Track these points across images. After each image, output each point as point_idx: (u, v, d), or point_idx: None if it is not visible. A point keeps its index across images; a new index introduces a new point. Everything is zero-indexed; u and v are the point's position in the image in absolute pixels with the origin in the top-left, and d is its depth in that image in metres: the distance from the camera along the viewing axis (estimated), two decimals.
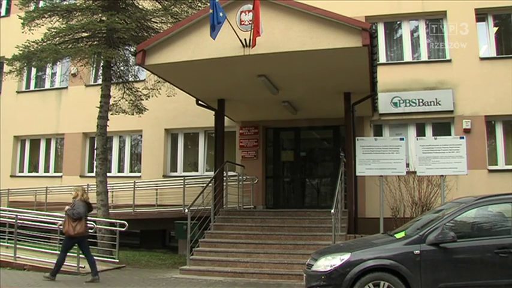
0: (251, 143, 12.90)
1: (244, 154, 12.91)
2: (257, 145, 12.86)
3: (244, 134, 13.00)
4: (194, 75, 9.13)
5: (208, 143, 13.78)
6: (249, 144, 12.91)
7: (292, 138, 13.32)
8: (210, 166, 13.43)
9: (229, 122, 12.54)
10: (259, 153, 12.84)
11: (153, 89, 11.32)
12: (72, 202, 8.01)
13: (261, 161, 12.79)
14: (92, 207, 8.28)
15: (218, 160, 10.70)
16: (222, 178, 10.38)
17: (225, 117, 11.30)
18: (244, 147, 12.94)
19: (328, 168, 12.78)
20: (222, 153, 10.69)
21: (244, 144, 12.96)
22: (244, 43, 7.69)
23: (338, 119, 10.66)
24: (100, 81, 11.77)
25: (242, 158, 12.84)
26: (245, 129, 13.00)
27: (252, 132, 12.93)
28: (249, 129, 12.95)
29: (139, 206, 12.82)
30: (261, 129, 12.91)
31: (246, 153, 12.90)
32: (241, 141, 13.00)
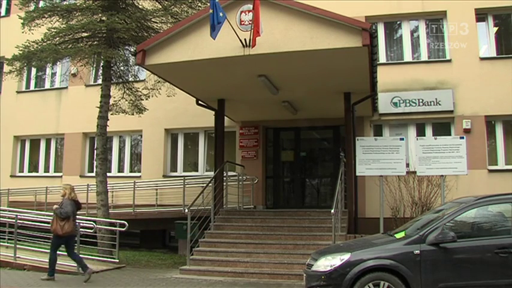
0: (251, 143, 12.90)
1: (244, 154, 12.91)
2: (257, 145, 12.86)
3: (244, 134, 13.00)
4: (194, 75, 9.12)
5: (208, 143, 13.78)
6: (249, 144, 12.91)
7: (292, 138, 13.32)
8: (210, 166, 13.43)
9: (229, 122, 12.54)
10: (259, 153, 12.84)
11: (153, 89, 11.33)
12: (61, 201, 8.01)
13: (261, 161, 12.79)
14: (81, 206, 8.27)
15: (218, 160, 10.70)
16: (222, 178, 10.38)
17: (225, 117, 11.30)
18: (244, 147, 12.94)
19: (328, 168, 12.78)
20: (222, 153, 10.69)
21: (244, 144, 12.96)
22: (244, 43, 7.69)
23: (338, 119, 10.66)
24: (100, 81, 11.77)
25: (242, 158, 12.85)
26: (245, 129, 13.00)
27: (252, 132, 12.93)
28: (249, 129, 12.96)
29: (139, 206, 12.82)
30: (261, 129, 12.91)
31: (246, 153, 12.90)
32: (241, 141, 13.01)
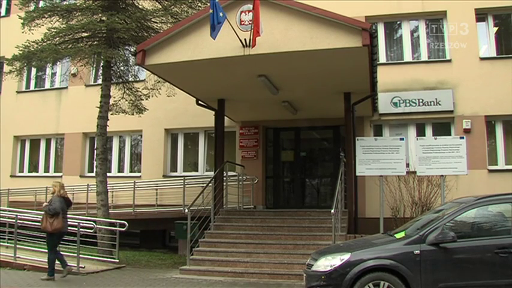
0: (251, 143, 12.90)
1: (244, 154, 12.91)
2: (257, 145, 12.86)
3: (244, 134, 13.00)
4: (194, 75, 9.12)
5: (208, 143, 13.78)
6: (249, 144, 12.91)
7: (292, 138, 13.31)
8: (210, 166, 13.42)
9: (229, 122, 12.54)
10: (259, 153, 12.84)
11: (153, 89, 11.33)
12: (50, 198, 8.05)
13: (261, 161, 12.79)
14: (71, 203, 8.27)
15: (218, 160, 10.70)
16: (222, 178, 10.38)
17: (225, 117, 11.30)
18: (244, 147, 12.94)
19: (328, 168, 12.77)
20: (222, 153, 10.69)
21: (244, 144, 12.96)
22: (244, 43, 7.69)
23: (338, 119, 10.66)
24: (100, 81, 11.76)
25: (242, 158, 12.84)
26: (245, 129, 13.00)
27: (252, 132, 12.93)
28: (249, 129, 12.96)
29: (139, 206, 12.82)
30: (261, 129, 12.91)
31: (246, 153, 12.90)
32: (241, 141, 13.01)
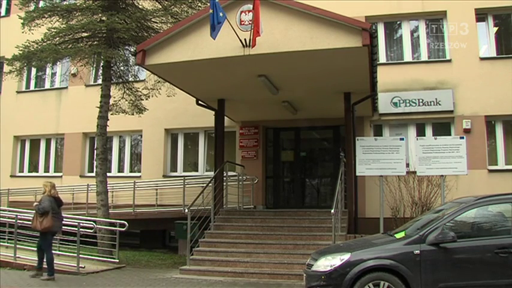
0: (251, 143, 12.90)
1: (244, 154, 12.91)
2: (257, 145, 12.86)
3: (244, 134, 13.00)
4: (194, 75, 9.12)
5: (208, 143, 13.78)
6: (249, 144, 12.91)
7: (292, 138, 13.31)
8: (210, 166, 13.42)
9: (229, 122, 12.54)
10: (259, 153, 12.83)
11: (153, 89, 11.32)
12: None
13: (261, 161, 12.79)
14: (62, 203, 8.26)
15: (218, 160, 10.69)
16: (222, 178, 10.38)
17: (225, 117, 11.30)
18: (244, 147, 12.93)
19: (328, 168, 12.77)
20: (222, 153, 10.69)
21: (244, 144, 12.96)
22: (244, 43, 7.69)
23: (338, 119, 10.66)
24: (100, 81, 11.76)
25: (242, 158, 12.84)
26: (245, 129, 13.00)
27: (252, 132, 12.93)
28: (249, 129, 12.95)
29: (139, 206, 12.82)
30: (261, 129, 12.91)
31: (246, 153, 12.90)
32: (241, 141, 13.01)
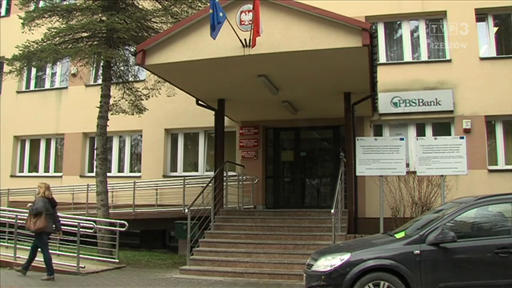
0: (251, 143, 12.90)
1: (244, 154, 12.91)
2: (257, 145, 12.86)
3: (244, 134, 13.00)
4: (194, 75, 9.12)
5: (208, 143, 13.78)
6: (249, 144, 12.91)
7: (292, 138, 13.31)
8: (210, 166, 13.42)
9: (229, 122, 12.54)
10: (259, 153, 12.83)
11: (153, 89, 11.32)
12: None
13: (261, 161, 12.79)
14: (56, 203, 8.27)
15: (218, 160, 10.69)
16: (222, 178, 10.38)
17: (225, 117, 11.30)
18: (244, 147, 12.93)
19: (328, 168, 12.77)
20: (222, 153, 10.69)
21: (244, 144, 12.95)
22: (244, 43, 7.69)
23: (338, 119, 10.65)
24: (100, 81, 11.76)
25: (242, 158, 12.84)
26: (245, 129, 13.00)
27: (252, 132, 12.93)
28: (249, 129, 12.95)
29: (139, 206, 12.81)
30: (261, 129, 12.91)
31: (246, 153, 12.90)
32: (241, 141, 13.00)
